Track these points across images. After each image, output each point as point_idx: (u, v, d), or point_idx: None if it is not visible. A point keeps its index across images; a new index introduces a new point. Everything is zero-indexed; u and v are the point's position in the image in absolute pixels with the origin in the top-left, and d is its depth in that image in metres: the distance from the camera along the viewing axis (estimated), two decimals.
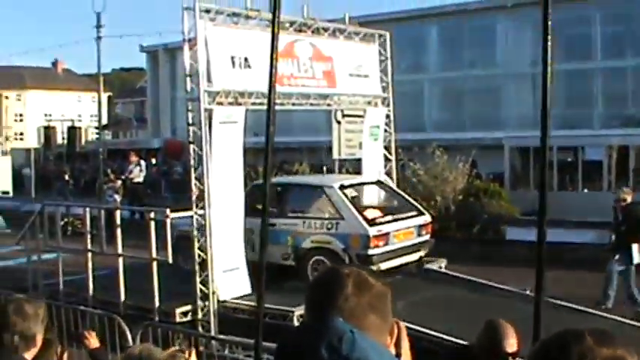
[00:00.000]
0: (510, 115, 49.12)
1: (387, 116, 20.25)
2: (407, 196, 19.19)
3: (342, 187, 17.30)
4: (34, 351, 5.00)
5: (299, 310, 14.02)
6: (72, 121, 50.84)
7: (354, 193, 18.19)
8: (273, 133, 6.71)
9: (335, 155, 21.59)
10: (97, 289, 16.82)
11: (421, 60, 54.16)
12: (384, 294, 2.72)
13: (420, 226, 17.92)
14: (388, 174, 20.30)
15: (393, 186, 20.06)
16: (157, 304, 15.46)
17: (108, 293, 16.49)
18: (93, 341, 7.04)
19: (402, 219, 17.59)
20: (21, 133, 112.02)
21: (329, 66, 18.36)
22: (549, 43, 5.06)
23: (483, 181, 31.98)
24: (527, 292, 15.26)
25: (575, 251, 21.83)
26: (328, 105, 18.90)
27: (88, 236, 17.12)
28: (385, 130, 20.26)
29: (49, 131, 45.44)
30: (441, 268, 18.96)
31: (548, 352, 2.42)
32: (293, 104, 17.42)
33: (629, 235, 16.72)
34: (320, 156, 36.57)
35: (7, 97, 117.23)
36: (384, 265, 16.55)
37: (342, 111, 20.49)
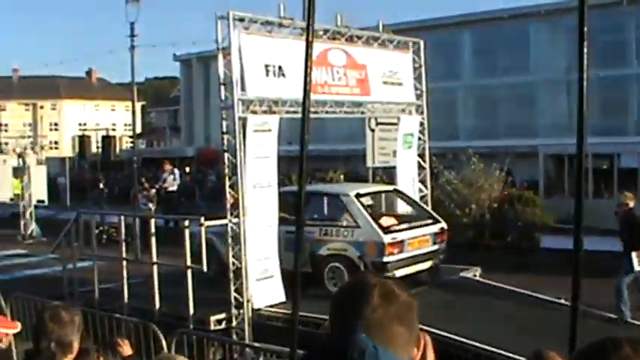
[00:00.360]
0: (545, 123, 48.92)
1: (421, 124, 20.19)
2: (423, 205, 19.15)
3: (358, 196, 17.35)
4: (70, 358, 5.02)
5: None
6: (106, 130, 51.24)
7: (370, 202, 18.43)
8: (307, 140, 6.72)
9: (369, 163, 21.58)
10: (132, 297, 16.89)
11: (455, 67, 54.03)
12: (411, 305, 2.72)
13: (435, 234, 17.94)
14: (422, 182, 20.24)
15: (419, 192, 20.02)
16: (191, 311, 15.49)
17: (143, 301, 16.54)
18: (126, 349, 7.06)
19: (417, 227, 17.63)
20: (56, 142, 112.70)
21: (362, 74, 18.34)
22: (585, 49, 5.03)
23: (518, 188, 31.84)
24: (563, 301, 15.20)
25: (610, 260, 21.64)
26: (362, 113, 18.88)
27: (123, 244, 17.19)
28: (419, 138, 20.19)
29: (83, 140, 45.72)
30: (475, 276, 18.93)
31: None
32: (327, 112, 17.40)
33: (631, 242, 16.42)
34: (354, 164, 36.58)
35: (42, 107, 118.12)
36: (398, 273, 16.62)
37: (375, 119, 20.48)
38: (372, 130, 20.93)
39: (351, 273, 16.44)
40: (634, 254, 16.20)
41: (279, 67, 16.02)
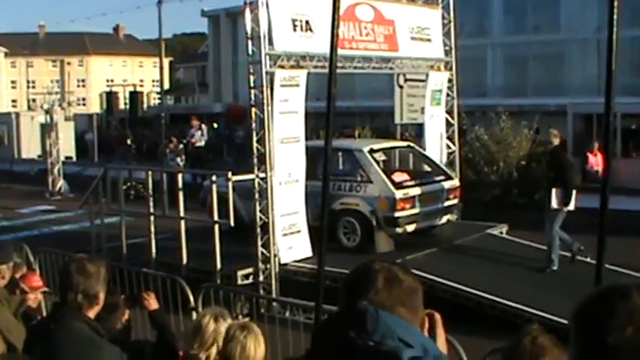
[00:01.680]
0: (574, 82, 48.47)
1: (450, 81, 20.12)
2: (436, 161, 19.14)
3: (372, 151, 17.45)
4: (96, 309, 5.04)
5: None
6: (134, 86, 51.34)
7: (384, 157, 18.52)
8: (334, 95, 6.70)
9: (397, 120, 21.57)
10: (159, 252, 17.01)
11: (484, 24, 53.54)
12: (414, 289, 2.79)
13: (448, 190, 18.01)
14: (450, 139, 20.21)
15: (447, 149, 19.99)
16: (218, 266, 15.62)
17: (170, 256, 16.66)
18: (152, 302, 7.05)
19: (430, 183, 17.78)
20: (83, 99, 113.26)
21: (390, 29, 18.25)
22: (615, 8, 4.99)
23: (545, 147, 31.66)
24: (588, 260, 15.18)
25: (636, 219, 21.56)
26: (390, 69, 18.80)
27: (151, 199, 17.28)
28: (447, 95, 20.13)
29: (111, 97, 45.86)
30: (502, 233, 18.93)
31: (590, 309, 2.23)
32: (354, 67, 17.35)
33: (553, 180, 16.21)
34: (382, 121, 36.48)
35: (69, 63, 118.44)
36: (410, 228, 16.83)
37: (404, 75, 20.43)
38: (401, 87, 20.89)
39: (363, 227, 16.59)
40: (554, 192, 16.02)
41: (307, 22, 15.99)
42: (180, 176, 16.97)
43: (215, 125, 55.36)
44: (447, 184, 18.04)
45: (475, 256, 16.89)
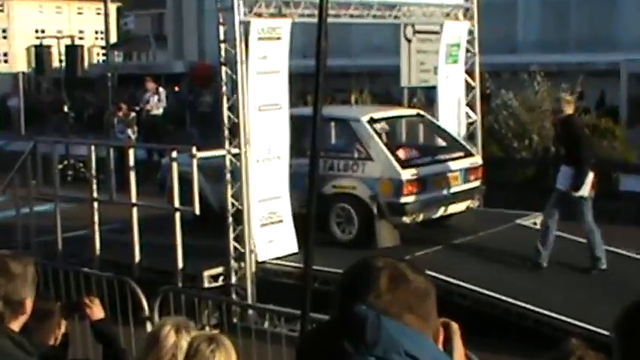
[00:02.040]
0: (628, 34, 48.55)
1: (471, 32, 20.14)
2: (453, 133, 19.14)
3: (372, 121, 17.40)
4: (22, 319, 4.82)
5: None
6: (71, 38, 50.93)
7: (387, 128, 18.55)
8: (325, 51, 6.74)
9: (404, 82, 21.58)
10: (105, 248, 16.97)
11: None
12: (426, 292, 2.80)
13: (468, 170, 18.05)
14: (471, 106, 20.24)
15: (467, 118, 20.04)
16: (180, 265, 15.61)
17: (118, 253, 16.70)
18: (96, 310, 7.00)
19: (445, 160, 17.84)
20: (4, 54, 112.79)
21: None
22: None
23: (592, 116, 31.71)
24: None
25: None
26: (395, 18, 18.80)
27: (94, 181, 17.23)
28: (468, 51, 20.15)
29: (41, 51, 45.56)
30: (535, 224, 18.95)
31: (635, 313, 2.37)
32: (351, 16, 17.37)
33: (564, 158, 16.40)
34: (385, 83, 36.51)
35: None
36: (419, 217, 16.96)
37: (412, 26, 20.43)
38: (409, 41, 20.89)
39: (361, 216, 16.61)
40: (564, 170, 16.20)
41: None
42: (131, 152, 16.91)
43: (176, 89, 55.32)
44: (466, 162, 18.08)
45: (501, 252, 16.90)
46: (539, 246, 16.07)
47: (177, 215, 15.65)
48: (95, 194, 17.15)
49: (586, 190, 15.88)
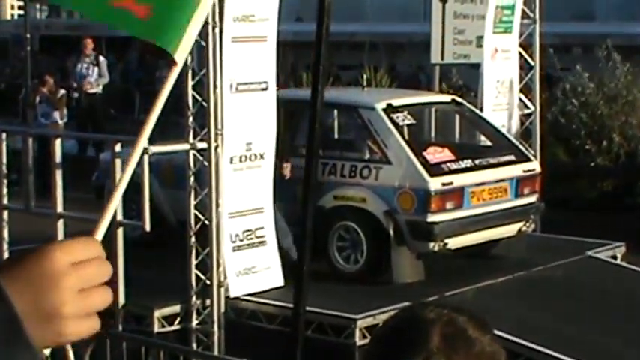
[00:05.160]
0: None
1: None
2: (501, 129, 19.08)
3: (390, 109, 17.33)
4: None
5: (364, 322, 14.09)
6: None
7: (410, 120, 18.12)
8: (329, 12, 6.80)
9: (435, 58, 21.60)
10: None
11: None
12: (493, 356, 2.74)
13: (521, 180, 17.98)
14: (527, 92, 20.29)
15: (523, 109, 20.09)
16: (121, 301, 15.60)
17: None
18: None
19: (489, 166, 17.72)
20: None
21: None
22: None
23: None
24: None
25: None
26: None
27: (3, 184, 17.28)
28: (525, 16, 20.19)
29: None
30: (615, 258, 18.95)
31: None
32: None
33: None
34: (409, 59, 36.61)
35: None
36: (453, 242, 16.77)
37: None
38: (443, 2, 20.91)
39: (372, 239, 16.55)
40: None
41: None
42: (58, 143, 16.90)
43: (121, 61, 55.30)
44: (518, 170, 18.04)
45: (569, 295, 16.91)
46: None
47: (120, 232, 15.57)
48: (5, 201, 17.19)
49: None
